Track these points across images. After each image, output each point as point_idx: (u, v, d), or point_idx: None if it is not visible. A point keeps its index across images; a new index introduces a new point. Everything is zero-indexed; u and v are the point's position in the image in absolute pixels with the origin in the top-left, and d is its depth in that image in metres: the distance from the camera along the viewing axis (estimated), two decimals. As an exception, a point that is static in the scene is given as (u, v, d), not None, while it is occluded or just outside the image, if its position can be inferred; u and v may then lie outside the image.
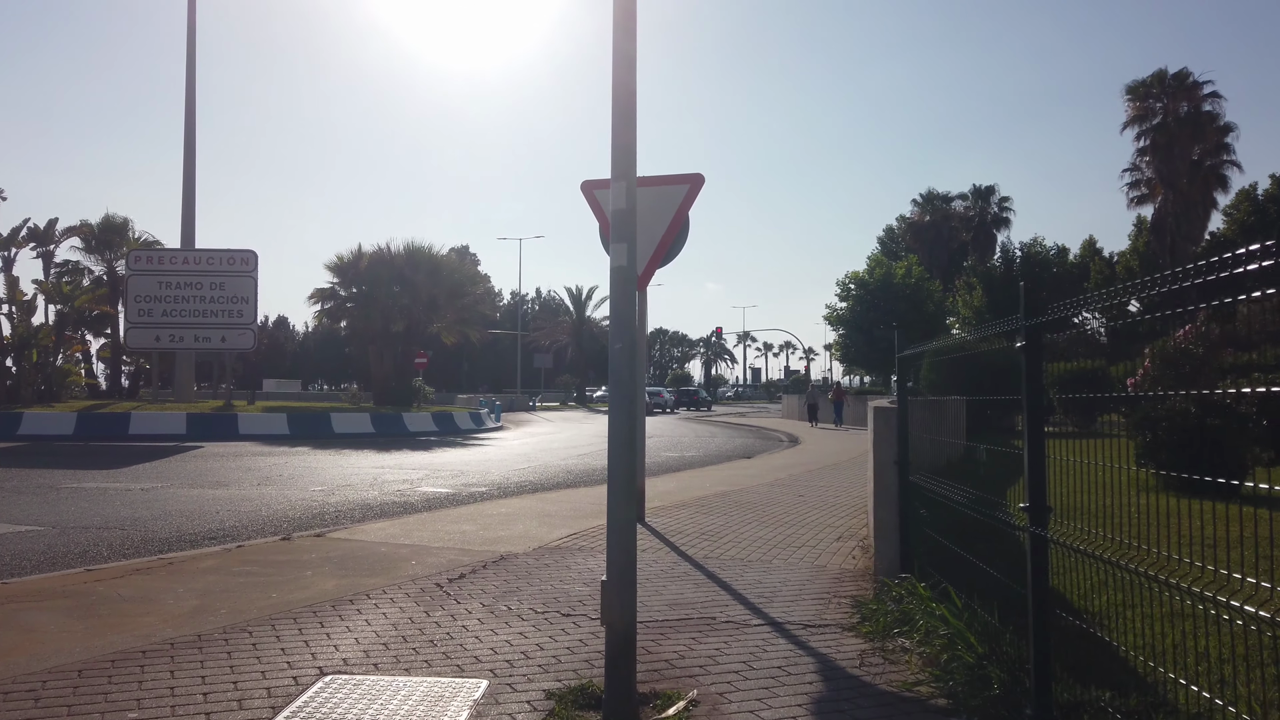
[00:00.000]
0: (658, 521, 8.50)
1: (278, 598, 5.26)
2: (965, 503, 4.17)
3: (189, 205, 28.88)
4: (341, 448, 19.29)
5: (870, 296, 43.68)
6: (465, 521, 8.40)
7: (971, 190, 59.03)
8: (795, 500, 10.18)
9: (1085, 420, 6.89)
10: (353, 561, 6.39)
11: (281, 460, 15.77)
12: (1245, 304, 2.37)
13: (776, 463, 15.89)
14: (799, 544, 7.43)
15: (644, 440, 8.84)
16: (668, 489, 11.22)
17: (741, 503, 9.91)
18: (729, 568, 6.42)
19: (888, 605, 4.92)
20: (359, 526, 8.18)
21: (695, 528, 8.18)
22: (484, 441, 22.48)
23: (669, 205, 8.57)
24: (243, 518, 9.01)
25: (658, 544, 7.33)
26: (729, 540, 7.56)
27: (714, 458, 17.97)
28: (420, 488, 11.75)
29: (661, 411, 52.90)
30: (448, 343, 33.82)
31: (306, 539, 7.39)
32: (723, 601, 5.37)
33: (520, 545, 7.17)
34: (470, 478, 13.13)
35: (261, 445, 19.45)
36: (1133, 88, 39.79)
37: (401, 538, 7.45)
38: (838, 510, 9.40)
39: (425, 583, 5.71)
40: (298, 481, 12.37)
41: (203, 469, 14.08)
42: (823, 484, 12.02)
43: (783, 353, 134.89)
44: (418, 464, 15.31)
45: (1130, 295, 2.80)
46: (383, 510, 9.67)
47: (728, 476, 13.09)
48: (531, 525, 8.20)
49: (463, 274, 31.04)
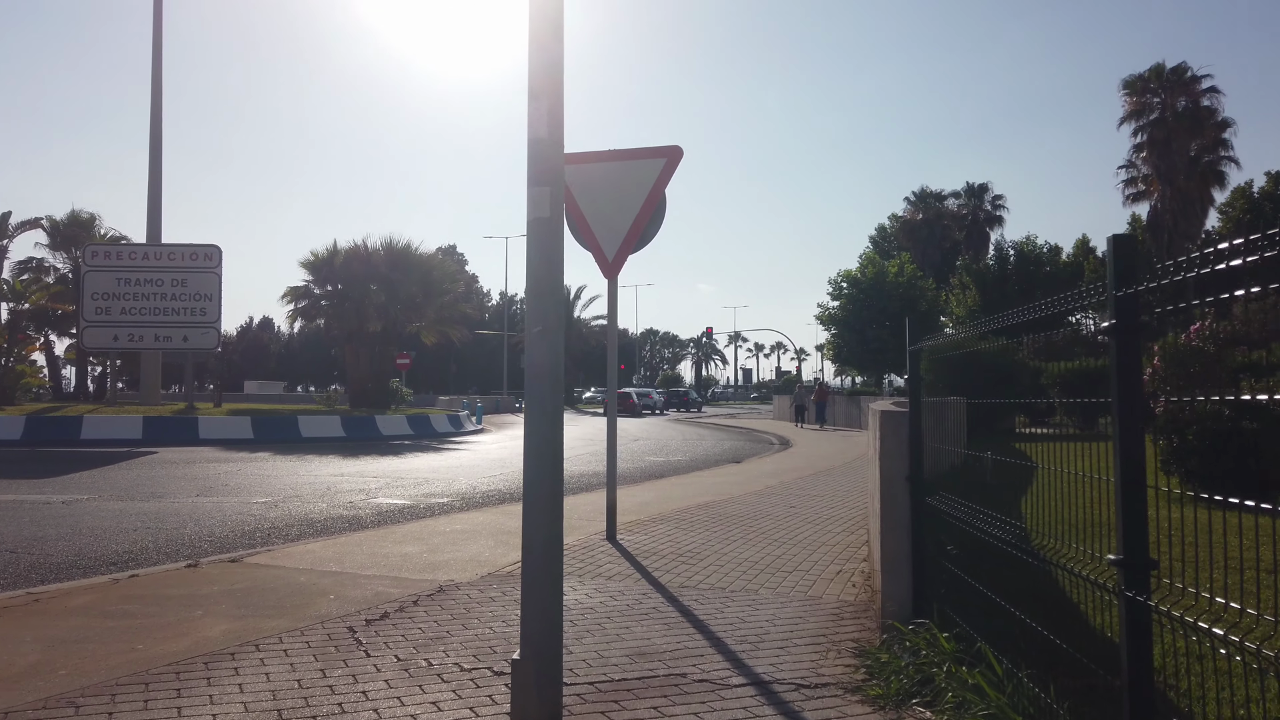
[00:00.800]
0: (630, 540, 7.50)
1: (143, 650, 4.23)
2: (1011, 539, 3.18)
3: (155, 199, 27.66)
4: (306, 453, 18.21)
5: (863, 295, 42.79)
6: (411, 541, 7.38)
7: (965, 188, 58.33)
8: (785, 512, 9.20)
9: (1087, 421, 6.02)
10: (258, 596, 5.36)
11: (234, 467, 14.69)
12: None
13: (766, 468, 14.92)
14: (790, 567, 6.45)
15: (615, 447, 7.86)
16: (646, 499, 10.22)
17: (727, 516, 8.92)
18: (708, 600, 5.43)
19: (901, 659, 3.94)
20: (287, 548, 7.15)
21: (673, 547, 7.19)
22: (459, 446, 21.43)
23: (643, 181, 7.57)
24: (159, 537, 7.97)
25: (627, 569, 6.33)
26: (710, 563, 6.57)
27: (701, 462, 17.00)
28: (376, 499, 10.71)
29: (651, 413, 51.93)
30: (428, 343, 32.72)
31: (217, 565, 6.35)
32: (698, 649, 4.38)
33: (466, 572, 6.16)
34: (434, 487, 12.10)
35: (220, 451, 18.35)
36: (1130, 82, 39.05)
37: (330, 562, 6.42)
38: (832, 525, 8.43)
39: (336, 626, 4.70)
40: (242, 492, 11.32)
41: (144, 478, 13.00)
42: (815, 492, 11.05)
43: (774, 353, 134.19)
44: (381, 471, 14.27)
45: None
46: (325, 526, 8.64)
47: (713, 484, 12.11)
48: (486, 546, 7.19)
49: (443, 272, 29.94)
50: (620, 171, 7.61)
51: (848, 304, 43.27)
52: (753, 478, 13.06)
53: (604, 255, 7.63)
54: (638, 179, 7.56)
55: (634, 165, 7.59)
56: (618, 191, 7.61)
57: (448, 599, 5.36)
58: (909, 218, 59.37)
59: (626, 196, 7.58)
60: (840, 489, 11.48)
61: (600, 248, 7.65)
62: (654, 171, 7.52)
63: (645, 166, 7.56)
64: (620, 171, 7.61)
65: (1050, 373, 23.15)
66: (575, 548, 7.08)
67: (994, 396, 5.74)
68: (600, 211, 7.66)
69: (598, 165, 7.69)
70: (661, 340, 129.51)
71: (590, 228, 7.67)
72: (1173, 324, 18.24)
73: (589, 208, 7.68)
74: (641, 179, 7.55)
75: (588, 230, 7.68)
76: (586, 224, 7.68)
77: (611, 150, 7.67)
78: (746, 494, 10.83)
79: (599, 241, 7.65)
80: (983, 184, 58.20)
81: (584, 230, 7.71)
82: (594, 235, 7.66)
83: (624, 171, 7.61)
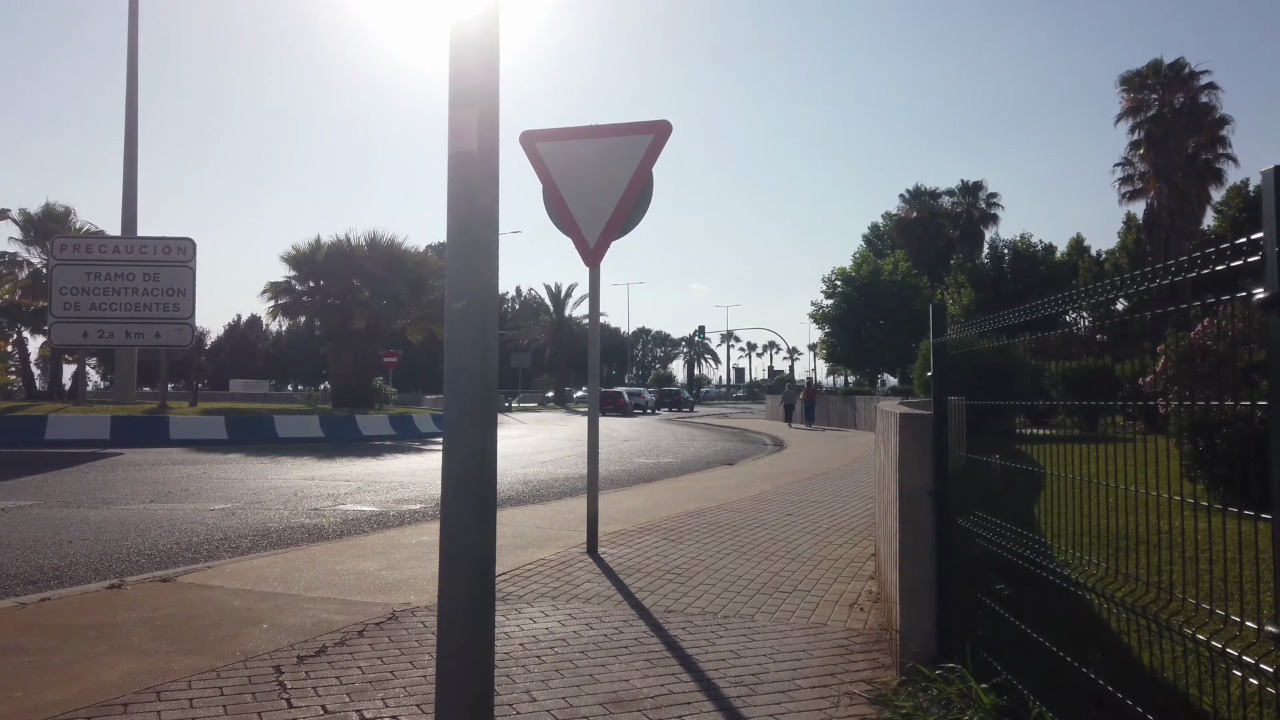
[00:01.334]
0: (614, 554, 6.82)
1: (20, 699, 3.53)
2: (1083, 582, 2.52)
3: (130, 192, 26.81)
4: (281, 454, 17.46)
5: (857, 294, 42.27)
6: (371, 555, 6.68)
7: (959, 186, 57.83)
8: (783, 521, 8.54)
9: (1088, 422, 5.68)
10: (180, 626, 4.66)
11: (201, 470, 13.95)
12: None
13: (760, 471, 14.26)
14: (790, 586, 5.79)
15: (597, 451, 7.18)
16: (634, 506, 9.55)
17: (719, 525, 8.25)
18: (698, 628, 4.76)
19: (929, 713, 3.28)
20: (231, 564, 6.44)
21: (660, 563, 6.52)
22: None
23: (627, 160, 6.89)
24: (94, 550, 7.24)
25: (607, 589, 5.65)
26: (701, 581, 5.90)
27: (692, 464, 16.33)
28: (343, 505, 10.00)
29: (642, 412, 51.26)
30: (414, 340, 31.93)
31: (145, 586, 5.64)
32: (684, 695, 3.71)
33: (426, 593, 5.47)
34: (409, 491, 11.39)
35: (190, 452, 17.58)
36: (1127, 78, 38.54)
37: (275, 581, 5.72)
38: (834, 535, 7.77)
39: (261, 665, 4.00)
40: (201, 497, 10.59)
41: (99, 482, 12.24)
42: (814, 498, 10.39)
43: (767, 352, 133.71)
44: (355, 474, 13.54)
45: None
46: (281, 537, 7.93)
47: (706, 489, 11.44)
48: (452, 561, 6.49)
49: (427, 267, 29.14)
50: (603, 149, 6.93)
51: (842, 302, 42.72)
52: (746, 482, 12.40)
53: (585, 241, 6.95)
54: (622, 157, 6.88)
55: (618, 142, 6.91)
56: (600, 171, 6.93)
57: (399, 628, 4.67)
58: (903, 216, 58.85)
59: (610, 177, 6.90)
60: (839, 494, 10.83)
61: (581, 233, 6.97)
62: (640, 149, 6.84)
63: (630, 144, 6.88)
64: (603, 149, 6.93)
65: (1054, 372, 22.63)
66: (551, 564, 6.40)
67: (994, 395, 5.09)
68: (581, 193, 6.98)
69: (578, 143, 7.01)
70: (654, 339, 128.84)
71: (570, 211, 6.98)
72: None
73: (568, 189, 6.99)
74: (626, 157, 6.87)
75: (567, 214, 7.00)
76: (566, 207, 6.99)
77: (593, 126, 6.99)
78: (740, 500, 10.17)
79: (579, 226, 6.97)
80: (977, 182, 57.75)
81: (563, 214, 7.03)
82: (574, 219, 6.98)
83: (607, 149, 6.92)
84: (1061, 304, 2.76)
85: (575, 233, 6.98)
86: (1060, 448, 3.31)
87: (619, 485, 12.44)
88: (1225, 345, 10.58)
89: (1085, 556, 2.79)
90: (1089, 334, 33.15)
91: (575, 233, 6.98)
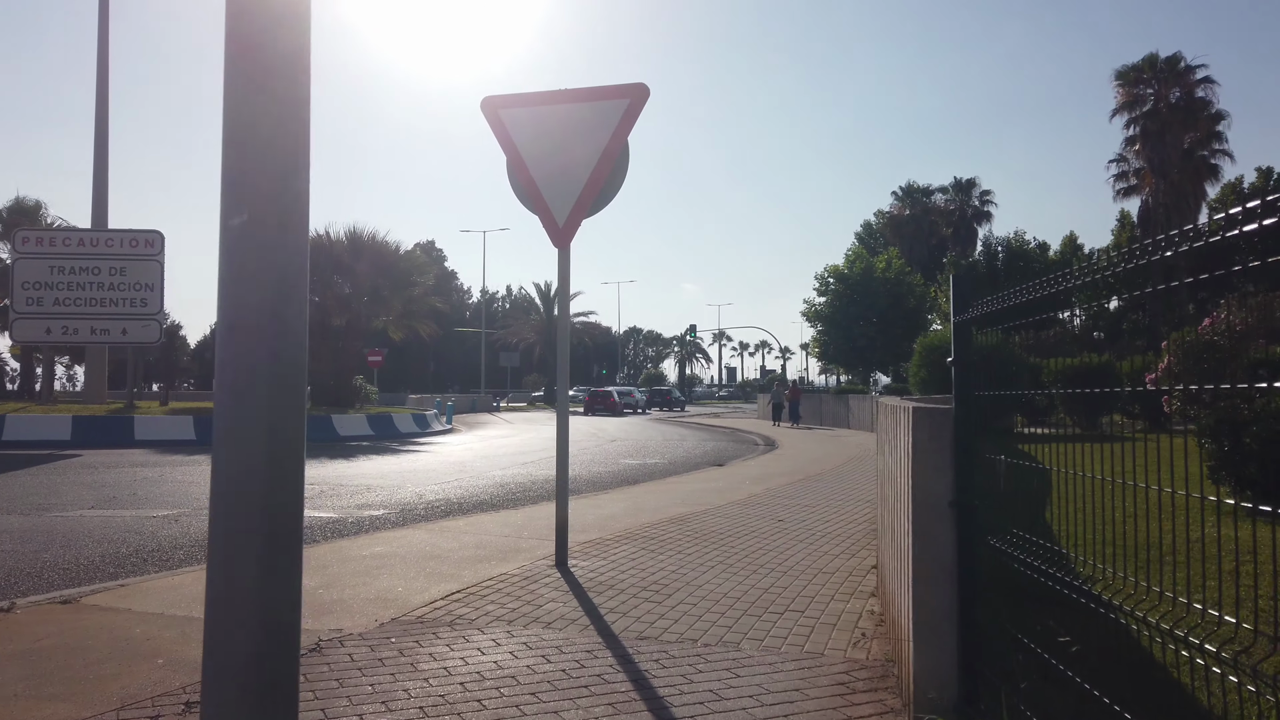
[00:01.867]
0: (586, 567, 6.12)
1: None
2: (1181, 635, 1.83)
3: (101, 185, 25.92)
4: (250, 455, 16.67)
5: (850, 291, 41.66)
6: (312, 570, 5.96)
7: (952, 183, 57.33)
8: (773, 528, 7.86)
9: (1089, 420, 5.47)
10: (62, 660, 3.94)
11: (158, 473, 13.17)
12: None
13: (750, 472, 13.58)
14: (780, 604, 5.11)
15: (566, 453, 6.49)
16: (613, 511, 8.85)
17: (705, 532, 7.56)
18: (674, 660, 4.07)
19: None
20: (150, 581, 5.71)
21: (636, 577, 5.82)
22: (422, 447, 19.96)
23: (601, 128, 6.20)
24: (6, 565, 6.50)
25: (573, 610, 4.95)
26: (681, 599, 5.21)
27: (680, 465, 15.64)
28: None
29: (633, 412, 50.56)
30: (396, 338, 31.14)
31: (40, 609, 4.91)
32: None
33: (364, 616, 4.76)
34: (374, 496, 10.66)
35: (153, 453, 16.78)
36: (1123, 73, 38.04)
37: (194, 603, 5.00)
38: (828, 544, 7.09)
39: (136, 714, 3.29)
40: (148, 502, 9.83)
41: (42, 486, 11.46)
42: (806, 502, 9.72)
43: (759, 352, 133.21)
44: (322, 477, 12.80)
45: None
46: (221, 548, 7.19)
47: (692, 492, 10.75)
48: (403, 576, 5.78)
49: (410, 263, 28.35)
50: (573, 116, 6.23)
51: (834, 300, 42.12)
52: (735, 484, 11.72)
53: (553, 219, 6.25)
54: (594, 125, 6.19)
55: (590, 109, 6.21)
56: (570, 141, 6.23)
57: (319, 663, 3.96)
58: (896, 213, 58.32)
59: (581, 147, 6.21)
60: (834, 498, 10.16)
61: (549, 210, 6.26)
62: (614, 115, 6.14)
63: (603, 110, 6.18)
64: (573, 116, 6.23)
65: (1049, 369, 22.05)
66: (515, 579, 5.70)
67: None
68: (549, 166, 6.28)
69: (546, 109, 6.30)
70: (645, 339, 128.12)
71: (537, 186, 6.28)
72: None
73: (535, 161, 6.29)
74: (599, 125, 6.17)
75: (533, 189, 6.29)
76: (532, 181, 6.29)
77: (562, 90, 6.29)
78: (728, 504, 9.48)
79: (547, 202, 6.27)
80: (970, 179, 57.26)
81: (529, 189, 6.32)
82: (541, 195, 6.27)
83: (578, 116, 6.23)
84: (1137, 256, 2.08)
85: (543, 210, 6.28)
86: (1063, 448, 2.83)
87: (601, 488, 11.75)
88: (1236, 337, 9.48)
89: (1144, 584, 2.13)
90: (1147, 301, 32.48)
91: (543, 210, 6.28)
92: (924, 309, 43.94)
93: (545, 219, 6.26)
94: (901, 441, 3.61)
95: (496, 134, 6.35)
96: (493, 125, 6.35)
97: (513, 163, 6.36)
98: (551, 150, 6.24)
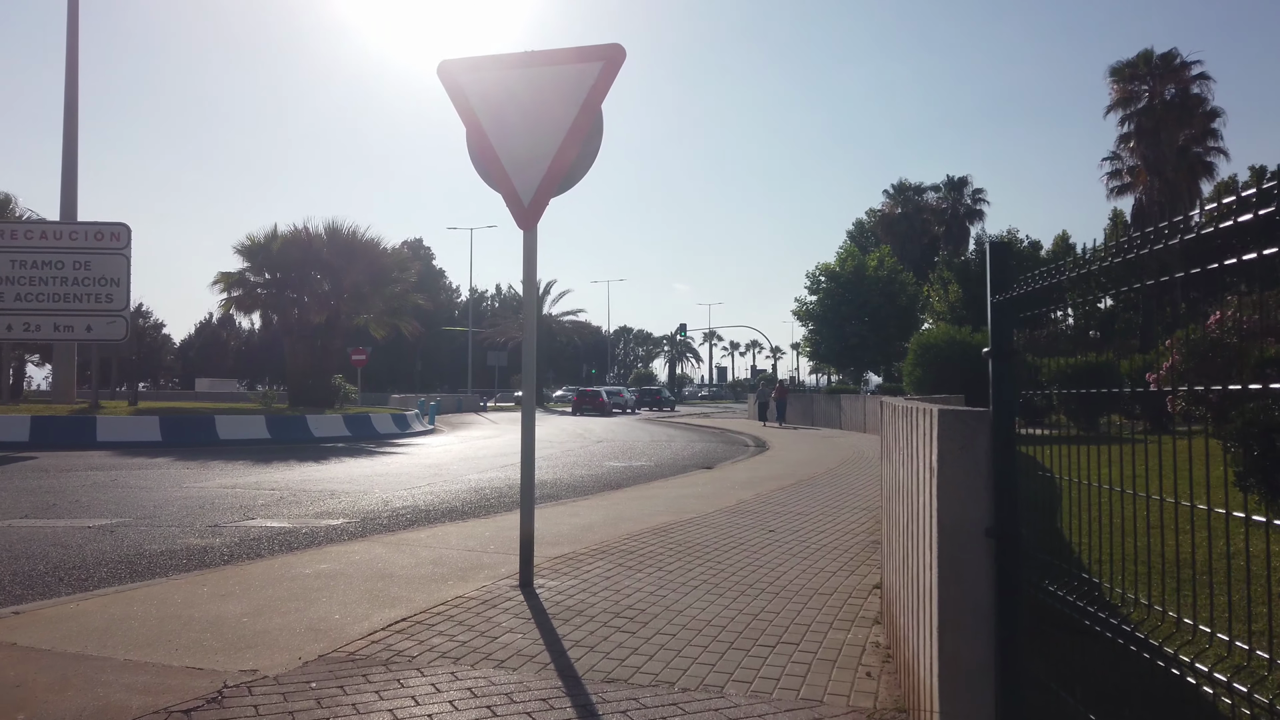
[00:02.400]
0: (553, 587, 5.45)
1: None
2: None
3: (70, 176, 25.00)
4: (215, 458, 15.94)
5: (841, 289, 41.10)
6: (243, 593, 5.27)
7: (944, 181, 56.91)
8: (764, 540, 7.21)
9: (1088, 423, 5.13)
10: (-103, 718, 3.24)
11: (110, 477, 12.42)
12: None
13: (740, 475, 12.94)
14: (773, 635, 4.47)
15: (532, 457, 5.83)
16: (591, 521, 8.18)
17: (689, 545, 6.91)
18: (647, 711, 3.42)
19: None
20: (57, 605, 5.00)
21: (609, 600, 5.16)
22: (398, 449, 19.23)
23: (570, 95, 5.53)
24: (-99, 585, 5.77)
25: (533, 644, 4.28)
26: (659, 629, 4.56)
27: (667, 468, 14.98)
28: (251, 520, 8.56)
29: (622, 412, 49.85)
30: (377, 336, 30.32)
31: (-95, 645, 4.19)
32: None
33: (286, 653, 4.08)
34: (337, 503, 9.96)
35: (114, 455, 16.00)
36: (1117, 69, 37.55)
37: (92, 635, 4.31)
38: (825, 559, 6.45)
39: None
40: (88, 510, 9.10)
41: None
42: (799, 509, 9.08)
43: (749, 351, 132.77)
44: (285, 482, 12.08)
45: None
46: (150, 565, 6.49)
47: (678, 498, 10.09)
48: (344, 600, 5.10)
49: (392, 259, 27.55)
50: (541, 82, 5.56)
51: (826, 298, 41.54)
52: (724, 489, 11.06)
53: (518, 197, 5.57)
54: (564, 92, 5.51)
55: (559, 73, 5.54)
56: (538, 109, 5.56)
57: (224, 716, 3.28)
58: (887, 212, 57.82)
59: (549, 116, 5.53)
60: (829, 505, 9.52)
61: (513, 186, 5.59)
62: (585, 81, 5.47)
63: (574, 74, 5.50)
64: (541, 82, 5.56)
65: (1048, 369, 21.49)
66: (471, 603, 5.03)
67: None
68: (514, 137, 5.60)
69: (512, 73, 5.63)
70: (635, 338, 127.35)
71: (499, 159, 5.60)
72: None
73: (498, 132, 5.61)
74: (569, 92, 5.50)
75: (496, 163, 5.62)
76: (494, 154, 5.61)
77: (530, 53, 5.61)
78: (716, 512, 8.82)
79: (511, 178, 5.59)
80: (963, 177, 56.81)
81: (490, 163, 5.64)
82: (504, 170, 5.60)
83: (546, 82, 5.55)
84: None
85: (506, 187, 5.60)
86: (1067, 451, 2.47)
87: (581, 493, 11.08)
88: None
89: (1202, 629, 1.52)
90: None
91: (506, 187, 5.60)
92: (916, 308, 43.45)
93: (509, 197, 5.58)
94: (922, 452, 2.95)
95: (456, 103, 5.67)
96: (451, 93, 5.67)
97: (473, 135, 5.68)
98: (517, 120, 5.57)
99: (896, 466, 3.93)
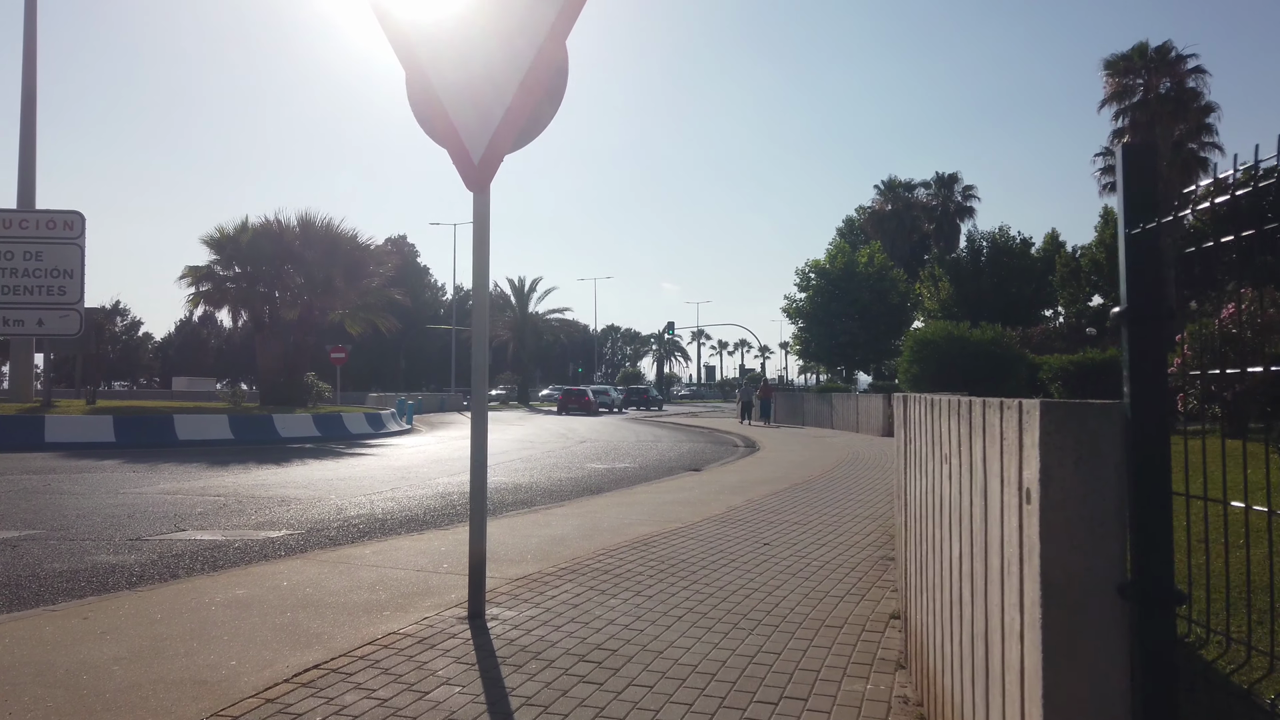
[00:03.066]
0: (509, 619, 4.54)
1: None
2: None
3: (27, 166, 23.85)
4: (168, 460, 14.92)
5: (831, 286, 40.36)
6: (133, 628, 4.34)
7: (935, 178, 56.27)
8: (758, 555, 6.33)
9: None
10: None
11: (43, 481, 11.40)
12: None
13: (730, 479, 12.06)
14: (774, 685, 3.58)
15: (485, 461, 4.92)
16: (564, 532, 7.27)
17: (673, 563, 6.02)
18: (607, 812, 2.51)
19: None
20: (-117, 651, 4.04)
21: (575, 636, 4.26)
22: (367, 451, 18.24)
23: (530, 26, 4.62)
24: None
25: (475, 702, 3.37)
26: (634, 677, 3.66)
27: (652, 470, 14.09)
28: (181, 533, 7.60)
29: (608, 411, 48.93)
30: (353, 333, 29.26)
31: None
32: None
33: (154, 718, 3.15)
34: (285, 511, 9.00)
35: (60, 457, 14.95)
36: (1111, 63, 36.91)
37: (-93, 696, 3.35)
38: (829, 579, 5.57)
39: None
40: (3, 520, 8.11)
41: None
42: (796, 517, 8.20)
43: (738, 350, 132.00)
44: (234, 487, 11.10)
45: None
46: (42, 589, 5.54)
47: (662, 504, 9.20)
48: (251, 638, 4.17)
49: (366, 252, 26.49)
50: (492, 10, 4.64)
51: (816, 296, 40.79)
52: (713, 494, 10.18)
53: (466, 152, 4.66)
54: (523, 22, 4.60)
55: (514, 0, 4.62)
56: (491, 43, 4.64)
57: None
58: (877, 208, 57.14)
59: (504, 52, 4.62)
60: (828, 512, 8.65)
61: (460, 140, 4.67)
62: (549, 10, 4.56)
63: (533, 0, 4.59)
64: (492, 10, 4.64)
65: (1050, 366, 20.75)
66: (406, 642, 4.11)
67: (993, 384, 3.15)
68: (463, 80, 4.69)
69: (457, 4, 4.70)
70: (623, 337, 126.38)
71: (444, 107, 4.68)
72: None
73: (442, 73, 4.69)
74: (528, 22, 4.59)
75: (440, 112, 4.70)
76: (438, 101, 4.69)
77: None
78: (704, 521, 7.94)
79: (458, 129, 4.67)
80: (953, 174, 56.17)
81: (434, 112, 4.72)
82: (450, 120, 4.68)
83: (499, 9, 4.64)
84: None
85: (452, 139, 4.68)
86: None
87: (558, 498, 10.17)
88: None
89: None
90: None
91: (452, 139, 4.68)
92: (907, 305, 42.77)
93: (455, 151, 4.66)
94: (999, 467, 2.05)
95: (392, 39, 4.74)
96: (385, 26, 4.74)
97: (410, 78, 4.75)
98: (466, 57, 4.65)
99: (935, 481, 3.03)
